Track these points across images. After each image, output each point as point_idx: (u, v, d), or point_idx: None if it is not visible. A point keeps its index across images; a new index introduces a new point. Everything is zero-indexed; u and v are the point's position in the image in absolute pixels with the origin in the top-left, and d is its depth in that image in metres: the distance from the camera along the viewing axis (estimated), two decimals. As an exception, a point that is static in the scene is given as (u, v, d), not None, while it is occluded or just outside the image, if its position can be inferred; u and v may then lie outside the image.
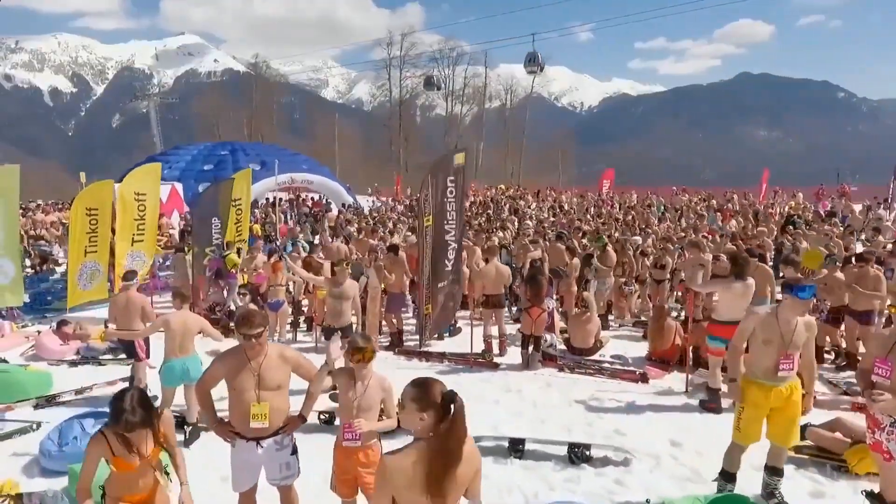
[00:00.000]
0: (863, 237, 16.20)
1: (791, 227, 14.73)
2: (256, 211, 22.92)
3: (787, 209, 21.99)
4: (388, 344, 9.05)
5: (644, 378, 7.12)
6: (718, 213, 20.34)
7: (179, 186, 21.87)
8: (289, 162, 26.96)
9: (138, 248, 11.60)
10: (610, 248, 10.32)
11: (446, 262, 8.69)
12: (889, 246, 12.78)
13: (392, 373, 7.92)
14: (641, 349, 8.54)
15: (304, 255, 11.45)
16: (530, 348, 7.76)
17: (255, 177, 23.56)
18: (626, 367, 7.55)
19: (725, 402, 6.13)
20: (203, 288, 11.16)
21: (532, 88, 63.47)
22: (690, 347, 7.36)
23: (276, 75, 68.04)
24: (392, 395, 3.62)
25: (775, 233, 14.84)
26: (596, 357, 8.11)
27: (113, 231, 11.63)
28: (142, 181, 11.86)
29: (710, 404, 6.10)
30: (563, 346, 8.39)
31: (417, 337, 9.00)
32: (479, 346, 8.30)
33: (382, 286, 8.90)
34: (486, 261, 8.65)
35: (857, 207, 22.65)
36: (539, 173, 52.77)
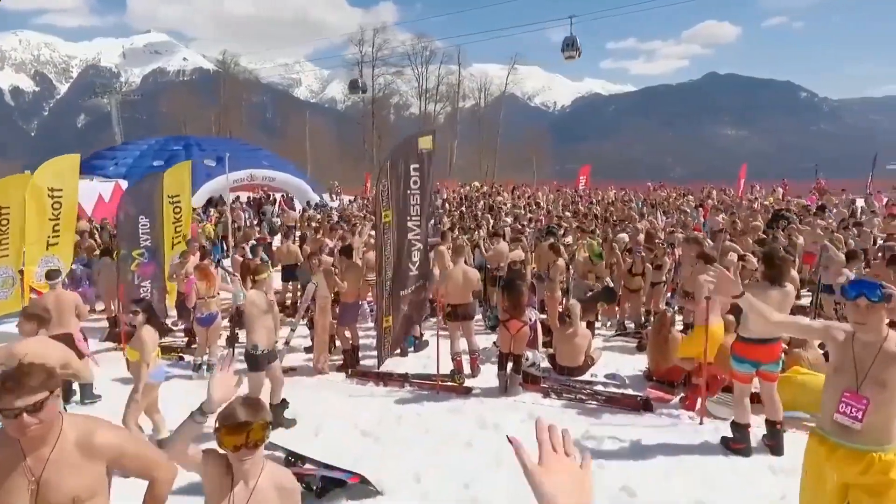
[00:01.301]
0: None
1: (784, 222, 13.78)
2: (212, 210, 21.26)
3: (766, 204, 21.31)
4: (340, 364, 7.65)
5: (647, 405, 5.85)
6: (700, 209, 19.56)
7: (125, 184, 20.05)
8: (248, 157, 25.30)
9: (53, 253, 9.99)
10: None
11: (409, 265, 7.32)
12: (879, 239, 12.19)
13: (343, 401, 6.60)
14: (637, 363, 7.31)
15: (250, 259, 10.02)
16: (509, 368, 6.44)
17: (212, 173, 22.04)
18: (624, 392, 6.27)
19: (755, 440, 4.90)
20: (128, 297, 9.59)
21: (506, 87, 63.05)
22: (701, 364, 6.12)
23: (245, 72, 65.90)
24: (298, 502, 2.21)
25: (762, 228, 13.93)
26: (587, 376, 6.84)
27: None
28: (57, 175, 10.19)
29: (736, 444, 4.83)
30: (546, 364, 7.09)
31: (377, 353, 7.61)
32: (446, 365, 6.96)
33: (332, 295, 7.50)
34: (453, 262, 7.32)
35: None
36: (514, 172, 52.06)
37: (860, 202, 21.68)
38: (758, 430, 5.00)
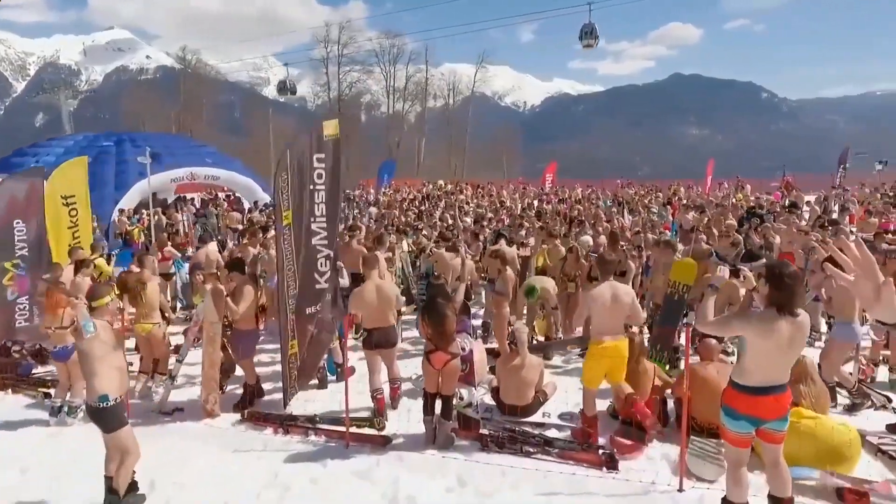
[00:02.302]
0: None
1: (758, 221, 12.78)
2: (144, 212, 19.38)
3: (733, 201, 20.54)
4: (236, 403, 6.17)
5: (611, 462, 4.53)
6: (668, 206, 18.64)
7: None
8: (190, 154, 23.47)
9: None
10: (553, 284, 7.56)
11: (317, 276, 5.90)
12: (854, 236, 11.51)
13: (223, 459, 4.92)
14: (601, 395, 6.00)
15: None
16: (437, 412, 5.05)
17: (145, 171, 20.14)
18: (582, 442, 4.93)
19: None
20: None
21: (474, 85, 62.22)
22: (676, 400, 4.85)
23: (207, 67, 63.42)
24: None
25: (736, 227, 12.92)
26: (538, 416, 5.50)
27: None
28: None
29: (731, 529, 3.54)
30: (489, 399, 5.74)
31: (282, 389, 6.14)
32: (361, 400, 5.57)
33: (221, 321, 6.00)
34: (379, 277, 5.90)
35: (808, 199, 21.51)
36: (484, 171, 51.28)
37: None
38: (754, 499, 3.73)
